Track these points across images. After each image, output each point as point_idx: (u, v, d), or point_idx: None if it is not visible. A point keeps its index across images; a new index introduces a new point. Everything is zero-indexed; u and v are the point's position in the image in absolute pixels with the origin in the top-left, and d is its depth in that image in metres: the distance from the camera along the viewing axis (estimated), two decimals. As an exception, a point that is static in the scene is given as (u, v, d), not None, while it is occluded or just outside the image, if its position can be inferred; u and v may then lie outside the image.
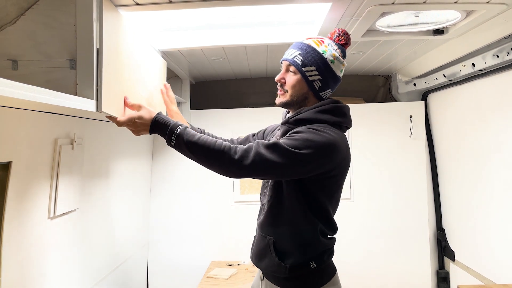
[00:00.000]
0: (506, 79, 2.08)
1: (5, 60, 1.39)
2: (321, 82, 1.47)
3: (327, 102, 1.49)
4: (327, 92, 1.51)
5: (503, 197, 2.15)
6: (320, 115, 1.45)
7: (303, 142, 1.32)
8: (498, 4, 1.56)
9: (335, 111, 1.47)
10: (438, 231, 3.05)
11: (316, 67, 1.46)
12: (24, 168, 1.48)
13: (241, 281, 2.69)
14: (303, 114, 1.47)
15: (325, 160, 1.36)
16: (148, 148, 3.12)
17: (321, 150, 1.34)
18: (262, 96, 3.44)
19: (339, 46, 1.51)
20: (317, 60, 1.46)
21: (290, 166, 1.32)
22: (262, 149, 1.31)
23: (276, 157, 1.29)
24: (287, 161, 1.30)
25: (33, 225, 1.57)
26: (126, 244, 2.69)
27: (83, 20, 1.36)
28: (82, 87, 1.38)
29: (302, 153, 1.30)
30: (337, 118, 1.46)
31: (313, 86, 1.48)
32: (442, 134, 2.93)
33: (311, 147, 1.32)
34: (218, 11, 1.74)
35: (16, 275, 1.47)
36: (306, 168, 1.35)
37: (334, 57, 1.47)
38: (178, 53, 2.41)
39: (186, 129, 1.40)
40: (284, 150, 1.30)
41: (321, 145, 1.34)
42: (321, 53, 1.47)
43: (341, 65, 1.51)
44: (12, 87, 0.95)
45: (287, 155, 1.30)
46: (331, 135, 1.37)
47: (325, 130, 1.38)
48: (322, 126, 1.41)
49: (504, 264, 2.17)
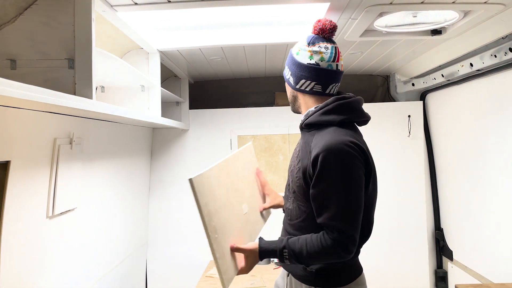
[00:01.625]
0: (504, 79, 2.09)
1: (3, 60, 1.40)
2: (292, 75, 1.51)
3: (331, 101, 1.46)
4: (307, 84, 1.48)
5: (501, 197, 2.16)
6: (324, 117, 1.44)
7: (336, 189, 1.34)
8: (496, 4, 1.57)
9: (338, 109, 1.44)
10: (436, 230, 3.06)
11: (287, 65, 1.53)
12: (23, 168, 1.48)
13: (239, 281, 2.70)
14: (310, 118, 1.48)
15: (355, 179, 1.36)
16: (147, 147, 3.13)
17: (347, 176, 1.34)
18: (261, 95, 3.45)
19: (309, 37, 1.49)
20: (288, 59, 1.54)
21: (359, 206, 1.36)
22: (341, 229, 1.33)
23: (349, 219, 1.34)
24: (352, 207, 1.34)
25: (32, 224, 1.57)
26: (125, 243, 2.69)
27: (82, 20, 1.37)
28: (80, 87, 1.38)
29: (349, 196, 1.34)
30: (343, 116, 1.43)
31: (290, 83, 1.53)
32: (440, 133, 2.94)
33: (345, 185, 1.33)
34: (216, 11, 1.74)
35: (15, 274, 1.47)
36: (361, 191, 1.37)
37: (299, 48, 1.48)
38: (177, 53, 2.41)
39: (289, 244, 1.40)
40: (343, 213, 1.34)
41: (343, 172, 1.34)
42: (291, 51, 1.52)
43: (307, 52, 1.45)
44: (11, 87, 0.96)
45: (347, 212, 1.34)
46: (339, 155, 1.34)
47: (332, 155, 1.35)
48: (327, 141, 1.37)
49: (502, 263, 2.18)
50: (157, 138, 3.23)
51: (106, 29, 1.86)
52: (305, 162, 1.43)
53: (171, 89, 2.94)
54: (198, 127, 3.22)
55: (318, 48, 1.44)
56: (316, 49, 1.44)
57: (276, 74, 3.31)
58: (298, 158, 1.50)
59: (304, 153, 1.46)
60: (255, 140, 3.18)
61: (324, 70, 1.45)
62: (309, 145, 1.44)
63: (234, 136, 3.19)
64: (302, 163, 1.44)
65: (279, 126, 3.17)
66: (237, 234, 1.52)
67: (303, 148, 1.48)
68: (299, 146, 1.55)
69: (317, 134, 1.43)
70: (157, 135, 3.22)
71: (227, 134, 3.21)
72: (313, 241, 1.36)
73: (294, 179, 1.50)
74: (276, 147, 3.17)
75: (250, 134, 3.18)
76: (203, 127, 3.23)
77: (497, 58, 1.97)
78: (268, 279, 2.73)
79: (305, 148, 1.47)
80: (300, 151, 1.51)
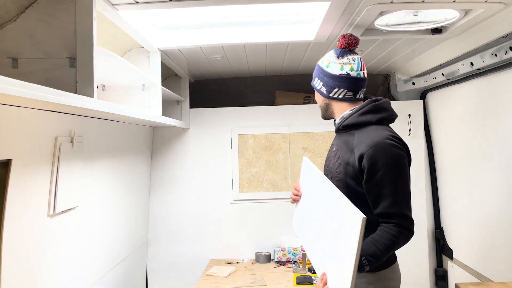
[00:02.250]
0: (504, 78, 2.09)
1: (5, 58, 1.40)
2: (324, 86, 1.71)
3: (366, 103, 1.67)
4: (340, 92, 1.69)
5: (501, 196, 2.16)
6: (362, 118, 1.65)
7: (388, 180, 1.52)
8: (496, 3, 1.57)
9: (374, 109, 1.65)
10: (437, 229, 3.06)
11: (317, 77, 1.74)
12: (24, 166, 1.48)
13: (240, 279, 2.71)
14: (348, 120, 1.68)
15: (403, 167, 1.57)
16: (148, 146, 3.13)
17: (396, 167, 1.54)
18: (261, 94, 3.45)
19: (336, 51, 1.70)
20: (317, 71, 1.75)
21: (409, 191, 1.57)
22: (401, 214, 1.53)
23: (405, 203, 1.55)
24: (405, 193, 1.55)
25: (33, 223, 1.58)
26: (125, 242, 2.70)
27: (83, 19, 1.37)
28: (81, 85, 1.39)
29: (400, 184, 1.54)
30: (379, 115, 1.65)
31: (322, 93, 1.72)
32: (441, 132, 2.94)
33: (396, 175, 1.53)
34: (217, 9, 1.74)
35: (17, 272, 1.48)
36: (408, 178, 1.58)
37: (328, 61, 1.69)
38: (178, 52, 2.41)
39: (364, 251, 1.46)
40: (398, 198, 1.53)
41: (392, 164, 1.53)
42: (319, 64, 1.74)
43: (338, 64, 1.67)
44: (14, 85, 0.96)
45: (402, 198, 1.54)
46: (387, 149, 1.54)
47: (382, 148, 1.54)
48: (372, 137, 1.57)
49: (502, 262, 2.19)
50: (157, 137, 3.23)
51: (107, 28, 1.86)
52: (346, 157, 1.63)
53: (171, 88, 2.94)
54: (199, 126, 3.23)
55: (347, 60, 1.67)
56: (345, 61, 1.67)
57: (276, 73, 3.31)
58: (337, 156, 1.71)
59: (343, 151, 1.67)
60: (255, 139, 3.18)
61: (354, 78, 1.67)
62: (350, 143, 1.64)
63: (234, 135, 3.19)
64: (343, 159, 1.65)
65: (279, 125, 3.17)
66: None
67: (342, 147, 1.69)
68: (336, 146, 1.75)
69: (357, 133, 1.64)
70: (158, 134, 3.23)
71: (228, 133, 3.21)
72: (380, 237, 1.49)
73: (334, 175, 1.69)
74: (276, 146, 3.17)
75: (251, 133, 3.18)
76: (203, 126, 3.23)
77: (497, 57, 1.98)
78: (268, 277, 2.74)
79: (344, 146, 1.67)
80: (338, 150, 1.72)
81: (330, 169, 1.74)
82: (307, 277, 2.67)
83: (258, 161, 3.18)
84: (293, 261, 3.03)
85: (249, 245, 3.19)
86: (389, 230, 1.49)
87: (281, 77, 3.40)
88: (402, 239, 1.51)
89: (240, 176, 3.18)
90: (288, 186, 3.15)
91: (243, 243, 3.21)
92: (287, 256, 3.04)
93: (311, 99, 3.29)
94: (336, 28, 1.96)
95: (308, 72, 3.25)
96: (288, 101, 3.28)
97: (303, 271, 2.81)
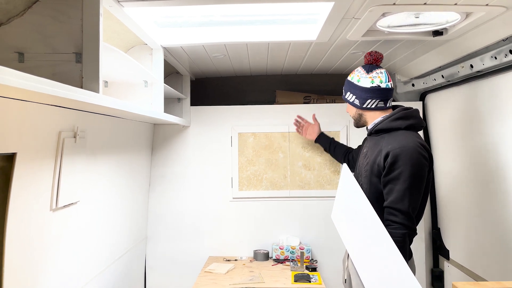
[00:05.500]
0: (504, 80, 2.12)
1: (11, 53, 1.41)
2: (357, 98, 1.94)
3: (398, 110, 1.89)
4: (373, 102, 1.92)
5: (498, 198, 2.19)
6: (393, 123, 1.86)
7: (403, 179, 1.71)
8: (497, 6, 1.59)
9: (404, 116, 1.86)
10: (433, 230, 3.09)
11: (349, 91, 1.98)
12: (28, 160, 1.49)
13: (239, 276, 2.72)
14: (380, 125, 1.90)
15: (421, 173, 1.75)
16: (148, 143, 3.14)
17: (414, 171, 1.71)
18: (262, 93, 3.47)
19: (364, 67, 1.95)
20: (348, 86, 1.98)
21: (418, 196, 1.76)
22: (402, 210, 1.71)
23: (410, 201, 1.70)
24: (413, 198, 1.73)
25: (36, 216, 1.59)
26: (125, 238, 2.71)
27: (90, 15, 1.38)
28: (87, 80, 1.40)
29: (412, 188, 1.72)
30: (409, 122, 1.85)
31: (355, 105, 1.96)
32: (439, 134, 2.96)
33: (410, 178, 1.71)
34: (221, 8, 1.76)
35: (19, 264, 1.49)
36: (422, 186, 1.77)
37: (359, 77, 1.94)
38: (180, 50, 2.43)
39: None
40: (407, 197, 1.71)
41: (412, 167, 1.70)
42: (349, 80, 1.98)
43: (368, 78, 1.91)
44: (22, 79, 0.97)
45: (410, 197, 1.71)
46: (412, 152, 1.72)
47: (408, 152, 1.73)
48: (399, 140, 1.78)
49: (497, 263, 2.21)
50: (158, 134, 3.25)
51: (111, 24, 1.87)
52: (373, 156, 1.83)
53: (172, 85, 2.96)
54: (199, 124, 3.24)
55: (376, 74, 1.92)
56: (375, 74, 1.92)
57: (277, 73, 3.33)
58: (366, 156, 1.92)
59: (372, 151, 1.88)
60: (255, 137, 3.20)
61: (384, 89, 1.92)
62: (379, 145, 1.85)
63: (234, 133, 3.21)
64: (370, 158, 1.86)
65: (279, 124, 3.19)
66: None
67: (371, 148, 1.90)
68: (367, 148, 1.98)
69: (387, 136, 1.86)
70: (158, 131, 3.24)
71: (228, 131, 3.23)
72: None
73: (362, 173, 1.90)
74: (276, 145, 3.19)
75: (251, 132, 3.20)
76: (204, 124, 3.25)
77: (497, 60, 2.00)
78: (266, 275, 2.76)
79: (374, 148, 1.88)
80: (368, 151, 1.93)
81: (359, 168, 1.95)
82: (304, 275, 2.69)
83: (258, 160, 3.20)
84: (291, 259, 3.05)
85: (248, 243, 3.21)
86: (395, 231, 1.67)
87: (282, 76, 3.42)
88: (406, 239, 1.70)
89: (239, 174, 3.20)
90: (287, 185, 3.17)
91: (242, 240, 3.22)
92: (285, 254, 3.06)
93: (311, 98, 3.31)
94: (339, 28, 1.98)
95: (309, 72, 3.27)
96: (288, 101, 3.30)
97: (301, 269, 2.84)
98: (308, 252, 3.04)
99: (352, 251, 1.83)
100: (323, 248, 3.14)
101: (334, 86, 3.31)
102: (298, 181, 3.18)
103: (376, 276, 1.63)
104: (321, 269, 3.09)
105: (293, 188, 3.18)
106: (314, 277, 2.68)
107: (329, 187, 3.14)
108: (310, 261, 3.01)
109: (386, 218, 1.73)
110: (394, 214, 1.71)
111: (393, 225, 1.71)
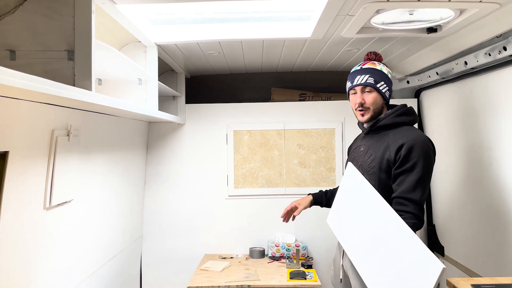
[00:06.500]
0: (498, 77, 2.12)
1: (3, 50, 1.40)
2: (389, 91, 1.94)
3: (400, 106, 1.92)
4: (390, 99, 1.97)
5: (492, 194, 2.19)
6: (398, 119, 1.88)
7: (416, 171, 1.74)
8: (491, 3, 1.59)
9: (407, 112, 1.91)
10: (428, 226, 3.10)
11: (384, 81, 1.91)
12: (21, 158, 1.48)
13: (234, 274, 2.72)
14: (383, 121, 1.89)
15: (431, 165, 1.82)
16: (143, 141, 3.13)
17: (425, 164, 1.77)
18: (256, 91, 3.46)
19: (381, 63, 1.98)
20: (382, 76, 1.92)
21: (427, 188, 1.78)
22: (411, 200, 1.74)
23: (421, 192, 1.74)
24: (423, 188, 1.76)
25: (29, 215, 1.58)
26: (120, 236, 2.70)
27: (82, 12, 1.37)
28: (80, 78, 1.39)
29: (422, 180, 1.75)
30: (411, 117, 1.90)
31: (385, 96, 1.93)
32: (434, 131, 2.97)
33: (422, 171, 1.75)
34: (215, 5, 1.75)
35: (12, 263, 1.48)
36: (430, 179, 1.81)
37: (387, 71, 1.95)
38: (174, 47, 2.42)
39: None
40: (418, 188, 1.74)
41: (423, 160, 1.75)
42: (381, 70, 1.93)
43: (389, 73, 1.98)
44: (13, 77, 0.96)
45: (422, 188, 1.75)
46: (424, 146, 1.77)
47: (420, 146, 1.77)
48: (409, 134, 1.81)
49: (492, 259, 2.22)
50: (153, 132, 3.24)
51: (104, 22, 1.86)
52: (380, 153, 1.82)
53: (167, 83, 2.95)
54: (194, 122, 3.23)
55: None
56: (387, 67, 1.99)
57: (272, 70, 3.32)
58: (369, 153, 1.90)
59: (376, 148, 1.87)
60: (250, 135, 3.20)
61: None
62: (384, 141, 1.85)
63: (230, 130, 3.21)
64: (377, 155, 1.84)
65: (275, 121, 3.19)
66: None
67: (374, 145, 1.89)
68: (365, 146, 1.95)
69: (392, 132, 1.86)
70: (153, 129, 3.23)
71: (223, 128, 3.22)
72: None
73: (366, 170, 1.87)
74: (271, 142, 3.19)
75: (246, 129, 3.19)
76: (199, 122, 3.24)
77: (491, 57, 2.00)
78: (262, 272, 2.76)
79: (377, 144, 1.87)
80: (369, 148, 1.91)
81: (360, 165, 1.92)
82: (300, 272, 2.69)
83: (253, 157, 3.19)
84: (287, 256, 3.05)
85: (244, 240, 3.21)
86: (404, 219, 1.62)
87: (277, 73, 3.42)
88: (415, 229, 1.68)
89: (235, 172, 3.20)
90: (282, 182, 3.17)
91: (238, 238, 3.23)
92: (281, 252, 3.07)
93: (306, 96, 3.31)
94: (333, 25, 1.97)
95: (304, 69, 3.27)
96: (283, 98, 3.30)
97: (297, 267, 2.84)
98: (304, 249, 3.05)
99: (355, 250, 1.78)
100: (319, 245, 3.15)
101: (330, 83, 3.31)
102: (294, 178, 3.18)
103: (391, 269, 1.56)
104: (317, 266, 3.10)
105: (289, 185, 3.18)
106: (310, 274, 2.68)
107: (324, 184, 3.14)
108: (306, 258, 3.01)
109: (395, 209, 1.67)
110: (404, 204, 1.72)
111: (404, 215, 1.67)
